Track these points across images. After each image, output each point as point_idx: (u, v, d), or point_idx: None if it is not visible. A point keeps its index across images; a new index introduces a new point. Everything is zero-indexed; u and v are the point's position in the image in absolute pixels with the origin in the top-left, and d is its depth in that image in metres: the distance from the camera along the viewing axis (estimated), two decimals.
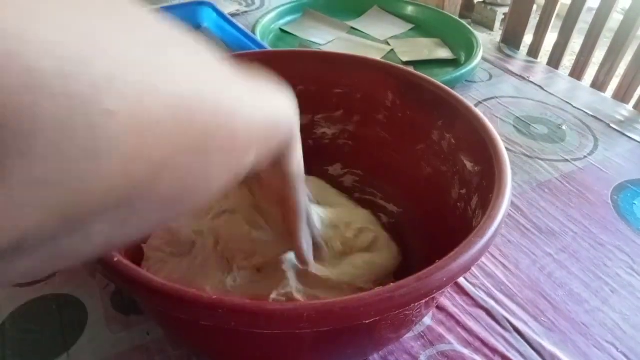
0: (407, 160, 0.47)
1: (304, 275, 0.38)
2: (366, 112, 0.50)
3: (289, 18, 0.95)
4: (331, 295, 0.37)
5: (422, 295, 0.26)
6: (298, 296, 0.36)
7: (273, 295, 0.36)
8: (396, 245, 0.44)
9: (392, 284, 0.26)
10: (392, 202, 0.50)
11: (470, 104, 0.42)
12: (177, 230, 0.40)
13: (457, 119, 0.42)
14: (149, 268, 0.38)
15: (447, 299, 0.45)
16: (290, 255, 0.38)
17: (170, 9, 0.88)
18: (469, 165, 0.39)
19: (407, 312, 0.30)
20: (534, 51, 0.94)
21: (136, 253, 0.39)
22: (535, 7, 0.94)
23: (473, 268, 0.47)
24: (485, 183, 0.36)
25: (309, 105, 0.51)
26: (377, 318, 0.26)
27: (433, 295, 0.27)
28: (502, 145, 0.37)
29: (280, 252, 0.38)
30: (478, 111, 0.40)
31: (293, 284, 0.37)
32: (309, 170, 0.48)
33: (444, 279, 0.26)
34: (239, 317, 0.24)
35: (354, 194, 0.50)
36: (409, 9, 0.98)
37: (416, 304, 0.27)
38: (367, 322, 0.26)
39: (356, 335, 0.31)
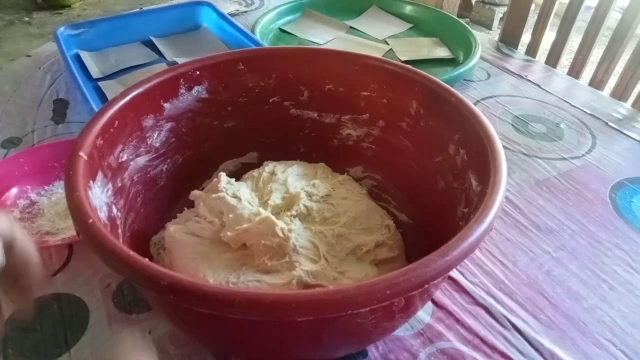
0: (424, 171, 0.47)
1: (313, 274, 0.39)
2: (391, 118, 0.50)
3: (288, 18, 0.95)
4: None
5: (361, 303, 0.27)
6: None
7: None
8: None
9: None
10: (405, 212, 0.50)
11: (487, 122, 0.40)
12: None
13: (471, 135, 0.40)
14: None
15: (446, 296, 0.45)
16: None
17: (170, 9, 0.88)
18: (474, 184, 0.39)
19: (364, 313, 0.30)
20: (532, 50, 0.94)
21: None
22: (533, 5, 0.94)
23: (472, 266, 0.48)
24: (479, 204, 0.35)
25: (337, 105, 0.53)
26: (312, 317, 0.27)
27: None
28: (504, 168, 0.36)
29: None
30: (493, 131, 0.39)
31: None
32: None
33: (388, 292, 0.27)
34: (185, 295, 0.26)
35: None
36: (408, 9, 0.98)
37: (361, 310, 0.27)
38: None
39: (335, 325, 0.31)
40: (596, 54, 0.88)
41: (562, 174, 0.61)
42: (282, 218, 0.42)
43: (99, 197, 0.36)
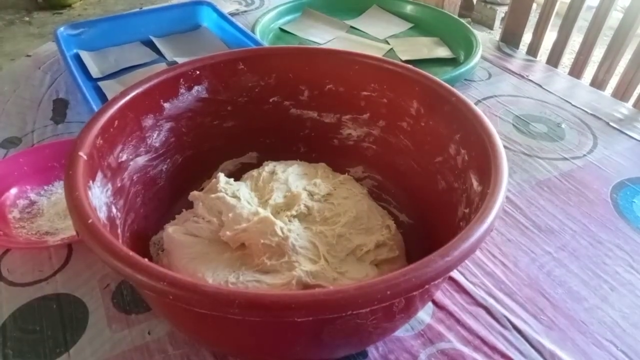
0: (425, 171, 0.47)
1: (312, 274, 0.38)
2: (391, 117, 0.50)
3: (288, 17, 0.95)
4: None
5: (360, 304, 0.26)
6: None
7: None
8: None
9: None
10: (405, 212, 0.50)
11: (488, 122, 0.40)
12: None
13: (472, 134, 0.40)
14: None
15: (446, 297, 0.45)
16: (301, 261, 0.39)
17: (170, 9, 0.88)
18: (475, 184, 0.38)
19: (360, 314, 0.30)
20: (533, 50, 0.94)
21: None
22: (534, 5, 0.94)
23: (473, 267, 0.48)
24: (480, 204, 0.35)
25: (337, 105, 0.52)
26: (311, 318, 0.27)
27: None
28: (505, 168, 0.36)
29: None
30: (494, 130, 0.39)
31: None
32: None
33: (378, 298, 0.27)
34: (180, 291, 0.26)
35: None
36: (409, 8, 0.98)
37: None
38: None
39: (334, 326, 0.31)
40: (597, 53, 0.88)
41: (563, 174, 0.60)
42: (281, 218, 0.42)
43: (99, 197, 0.36)
